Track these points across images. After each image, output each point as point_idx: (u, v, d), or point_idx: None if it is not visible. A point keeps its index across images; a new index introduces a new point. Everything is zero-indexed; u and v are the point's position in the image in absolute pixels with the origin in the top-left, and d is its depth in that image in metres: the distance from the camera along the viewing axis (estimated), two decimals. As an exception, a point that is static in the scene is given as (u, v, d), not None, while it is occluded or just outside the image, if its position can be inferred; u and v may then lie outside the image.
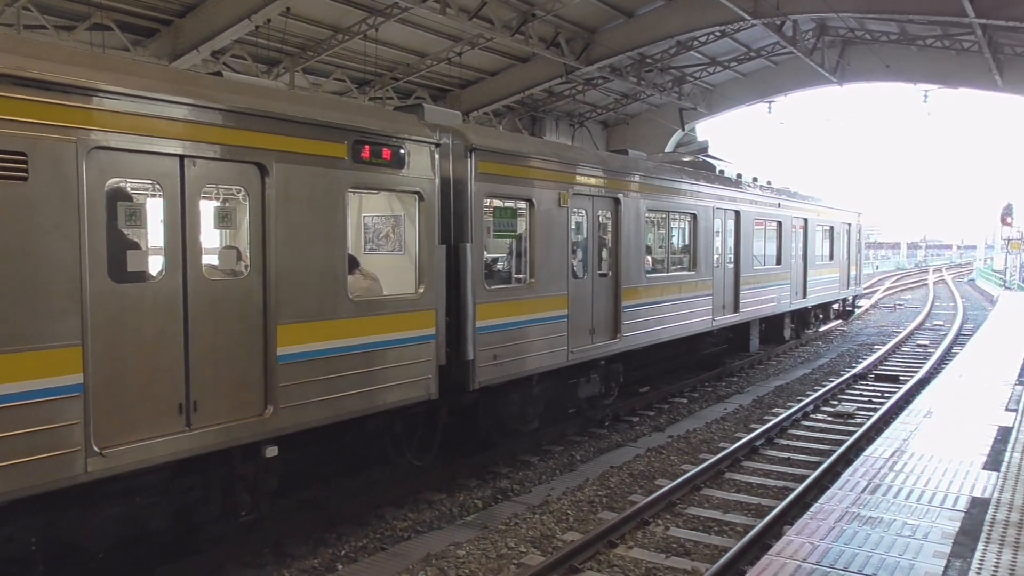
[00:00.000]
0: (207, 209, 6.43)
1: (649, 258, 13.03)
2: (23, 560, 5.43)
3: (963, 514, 6.14)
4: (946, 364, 16.43)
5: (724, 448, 10.57)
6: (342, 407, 7.21)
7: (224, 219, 6.99)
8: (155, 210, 5.93)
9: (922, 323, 26.28)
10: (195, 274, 6.01)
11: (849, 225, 23.75)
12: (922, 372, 16.01)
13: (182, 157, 5.89)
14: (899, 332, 23.56)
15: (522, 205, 9.84)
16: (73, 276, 5.20)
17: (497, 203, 9.63)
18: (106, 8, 15.78)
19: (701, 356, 17.05)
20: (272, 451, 6.68)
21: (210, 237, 6.74)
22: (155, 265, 5.87)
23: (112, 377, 5.46)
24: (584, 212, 11.01)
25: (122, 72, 5.65)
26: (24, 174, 4.95)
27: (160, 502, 6.09)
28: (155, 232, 5.96)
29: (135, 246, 5.83)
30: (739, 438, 11.12)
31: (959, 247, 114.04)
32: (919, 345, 21.06)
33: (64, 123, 5.15)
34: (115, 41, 16.42)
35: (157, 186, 5.86)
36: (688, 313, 13.85)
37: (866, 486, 6.79)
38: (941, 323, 26.21)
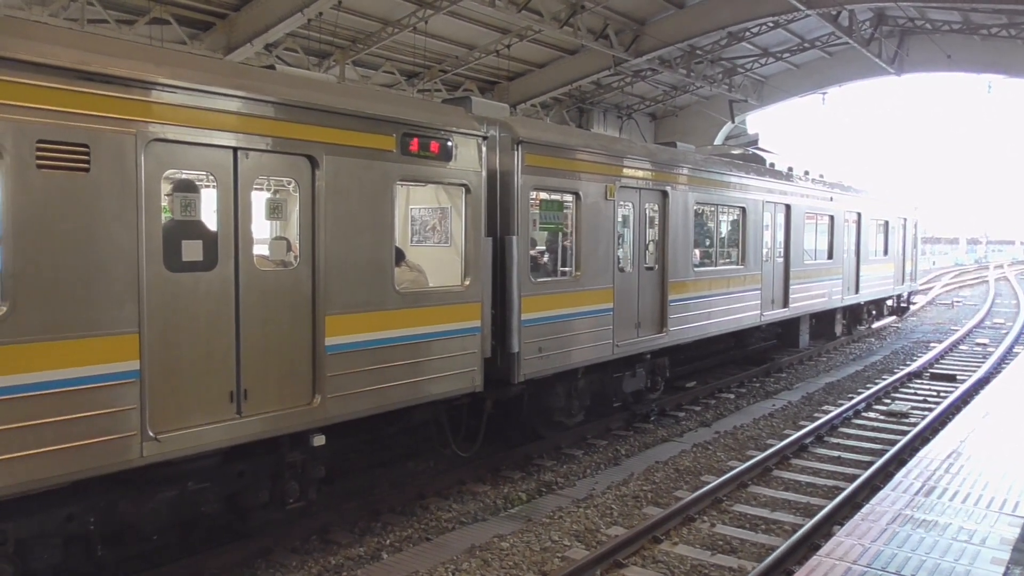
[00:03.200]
0: (258, 200, 6.53)
1: (697, 251, 12.87)
2: (82, 539, 5.62)
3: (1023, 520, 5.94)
4: (1007, 364, 15.94)
5: (772, 445, 10.41)
6: (388, 397, 7.28)
7: (275, 210, 7.12)
8: (209, 201, 6.05)
9: (981, 321, 25.46)
10: (246, 264, 6.11)
11: (905, 219, 23.13)
12: (981, 372, 15.53)
13: (235, 149, 5.99)
14: (957, 330, 22.89)
15: (568, 198, 9.80)
16: (131, 265, 5.34)
17: (543, 196, 9.60)
18: (165, 2, 16.16)
19: (749, 351, 16.81)
20: (320, 440, 6.78)
21: (261, 228, 6.86)
22: (208, 255, 5.98)
23: (167, 364, 5.59)
24: (631, 205, 10.92)
25: (179, 66, 5.77)
26: (86, 165, 5.10)
27: (211, 487, 6.23)
28: (208, 223, 6.08)
29: (190, 236, 5.95)
30: (788, 435, 10.94)
31: (1023, 243, 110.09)
32: (978, 344, 20.42)
33: (124, 116, 5.28)
34: (172, 35, 16.79)
35: (211, 177, 5.98)
36: (736, 308, 13.66)
37: (920, 488, 6.62)
38: (1002, 321, 25.37)
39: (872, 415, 12.56)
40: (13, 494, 4.91)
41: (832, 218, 17.89)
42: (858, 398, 13.15)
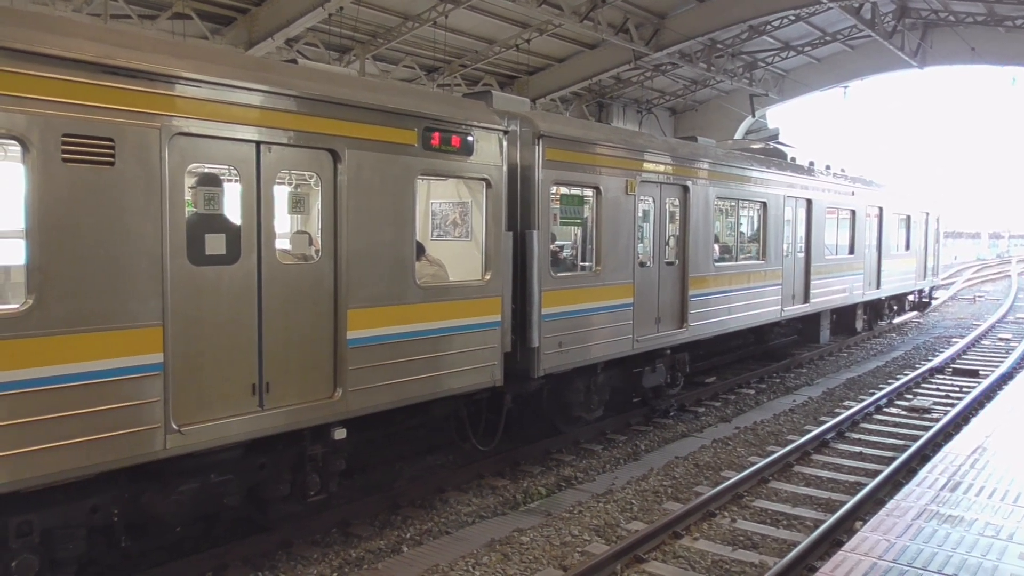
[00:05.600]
0: (281, 194, 6.56)
1: (717, 247, 12.80)
2: (106, 530, 5.68)
3: (1050, 517, 5.86)
4: (1031, 360, 15.71)
5: (793, 440, 10.35)
6: (409, 391, 7.30)
7: (297, 204, 7.15)
8: (232, 195, 6.07)
9: (1004, 316, 25.12)
10: (269, 258, 6.14)
11: (927, 213, 22.88)
12: (1004, 367, 15.33)
13: (258, 143, 6.01)
14: (979, 325, 22.61)
15: (589, 192, 9.76)
16: (155, 259, 5.37)
17: (564, 190, 9.58)
18: (186, -2, 16.27)
19: (769, 346, 16.70)
20: (341, 433, 6.80)
21: (283, 222, 6.88)
22: (231, 249, 6.01)
23: (190, 357, 5.63)
24: (651, 199, 10.87)
25: (203, 60, 5.79)
26: (111, 159, 5.13)
27: (233, 480, 6.26)
28: (231, 216, 6.11)
29: (213, 230, 5.98)
30: (808, 431, 10.86)
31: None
32: (1000, 339, 20.17)
33: (149, 110, 5.31)
34: (194, 29, 16.90)
35: (234, 171, 6.00)
36: (756, 303, 13.57)
37: (945, 483, 6.55)
38: (1025, 317, 25.07)
39: (894, 411, 12.44)
40: (39, 485, 4.97)
41: (853, 213, 17.73)
42: (879, 394, 13.02)
